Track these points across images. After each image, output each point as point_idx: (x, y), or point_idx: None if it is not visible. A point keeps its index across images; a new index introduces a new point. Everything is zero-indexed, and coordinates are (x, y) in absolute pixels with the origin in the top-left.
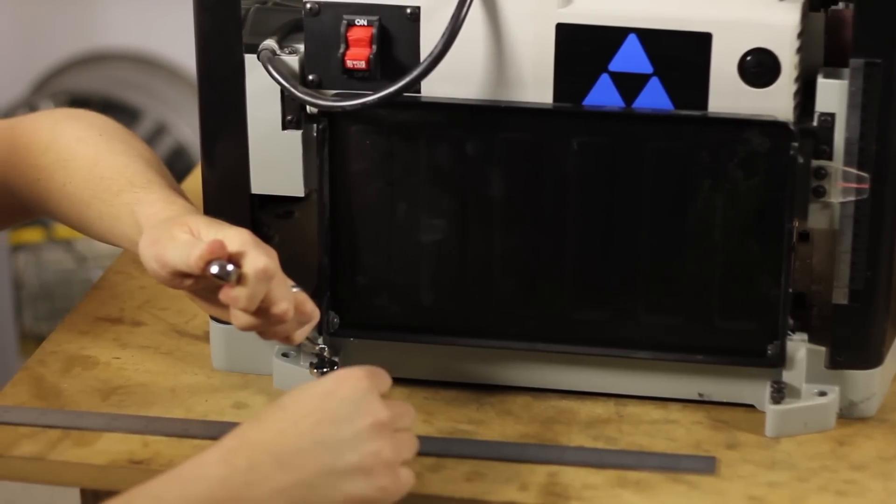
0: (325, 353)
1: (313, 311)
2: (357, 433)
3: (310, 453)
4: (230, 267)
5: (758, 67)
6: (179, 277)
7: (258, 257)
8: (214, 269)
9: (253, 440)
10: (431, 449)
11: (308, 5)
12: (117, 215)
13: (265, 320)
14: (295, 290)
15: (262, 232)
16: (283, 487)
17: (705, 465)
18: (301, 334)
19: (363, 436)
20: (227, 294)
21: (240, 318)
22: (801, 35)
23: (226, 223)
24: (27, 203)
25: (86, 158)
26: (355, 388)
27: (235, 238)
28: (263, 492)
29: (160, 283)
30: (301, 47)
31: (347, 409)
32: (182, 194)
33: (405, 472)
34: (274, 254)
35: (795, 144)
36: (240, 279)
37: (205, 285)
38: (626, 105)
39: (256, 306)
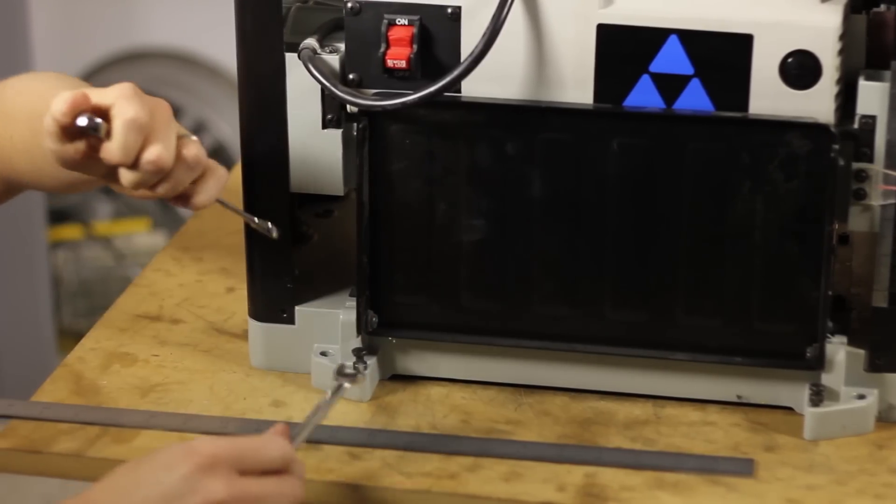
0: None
1: (209, 163)
2: None
3: None
4: (98, 119)
5: (799, 69)
6: (67, 140)
7: (128, 107)
8: (82, 122)
9: (91, 500)
10: (469, 449)
11: (349, 4)
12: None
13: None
14: (193, 139)
15: (301, 230)
16: None
17: (743, 468)
18: (205, 196)
19: None
20: (103, 150)
21: (125, 175)
22: (842, 37)
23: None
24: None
25: (25, 104)
26: (196, 467)
27: (111, 92)
28: None
29: (61, 163)
30: (342, 46)
31: (180, 487)
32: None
33: None
34: (162, 106)
35: (836, 147)
36: (108, 133)
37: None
38: (666, 106)
39: (133, 160)
